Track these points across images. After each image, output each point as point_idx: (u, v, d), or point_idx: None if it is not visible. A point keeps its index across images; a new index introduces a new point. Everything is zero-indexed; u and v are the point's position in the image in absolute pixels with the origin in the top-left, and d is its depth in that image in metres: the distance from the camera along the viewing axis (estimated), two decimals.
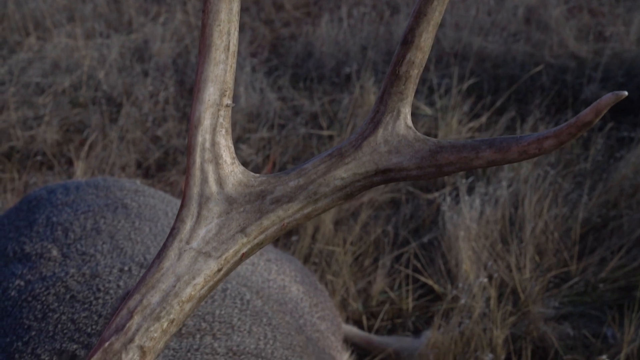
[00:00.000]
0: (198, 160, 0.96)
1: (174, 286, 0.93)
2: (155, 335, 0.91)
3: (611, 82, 4.26)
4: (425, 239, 3.16)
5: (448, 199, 3.17)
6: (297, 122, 4.01)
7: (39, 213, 2.05)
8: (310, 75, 4.52)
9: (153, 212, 2.12)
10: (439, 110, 3.99)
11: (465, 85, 4.07)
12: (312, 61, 4.62)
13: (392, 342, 2.64)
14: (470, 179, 3.32)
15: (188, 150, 0.96)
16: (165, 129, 3.89)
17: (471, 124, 3.87)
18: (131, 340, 0.90)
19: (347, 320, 2.86)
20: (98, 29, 4.85)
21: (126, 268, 1.78)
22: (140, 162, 3.66)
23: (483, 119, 3.92)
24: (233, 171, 0.97)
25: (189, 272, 0.93)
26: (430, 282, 2.95)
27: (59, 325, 1.57)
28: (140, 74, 4.35)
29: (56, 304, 1.64)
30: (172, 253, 0.94)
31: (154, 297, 0.92)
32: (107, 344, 0.90)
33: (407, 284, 2.98)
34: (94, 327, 1.56)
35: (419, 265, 3.05)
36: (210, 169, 0.96)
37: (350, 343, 2.62)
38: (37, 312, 1.62)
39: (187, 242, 0.94)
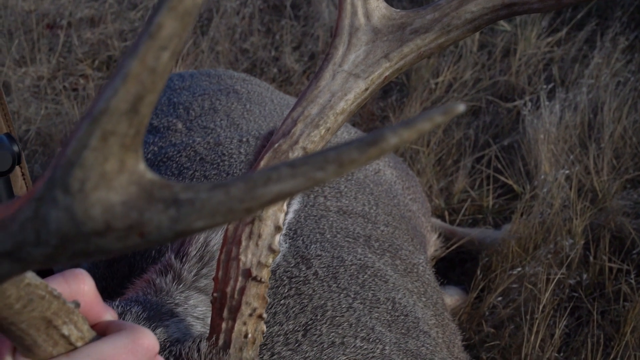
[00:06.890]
0: None
1: (329, 101, 1.10)
2: (315, 139, 1.09)
3: None
4: (505, 142, 3.29)
5: (529, 104, 3.28)
6: None
7: (160, 95, 2.26)
8: None
9: (260, 98, 2.31)
10: (518, 26, 4.05)
11: None
12: None
13: (475, 232, 2.80)
14: (550, 85, 3.41)
15: None
16: (251, 42, 4.06)
17: (549, 39, 3.93)
18: (296, 142, 1.09)
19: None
20: None
21: (244, 139, 1.98)
22: None
23: (562, 34, 3.97)
24: (378, 6, 1.13)
25: (342, 90, 1.11)
26: (510, 182, 3.08)
27: (194, 180, 1.78)
28: None
29: (189, 164, 1.85)
30: (327, 74, 1.11)
31: (313, 109, 1.10)
32: (276, 145, 1.09)
33: (488, 184, 3.12)
34: None
35: (499, 166, 3.18)
36: (359, 3, 1.12)
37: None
38: (173, 169, 1.84)
39: (340, 65, 1.11)
